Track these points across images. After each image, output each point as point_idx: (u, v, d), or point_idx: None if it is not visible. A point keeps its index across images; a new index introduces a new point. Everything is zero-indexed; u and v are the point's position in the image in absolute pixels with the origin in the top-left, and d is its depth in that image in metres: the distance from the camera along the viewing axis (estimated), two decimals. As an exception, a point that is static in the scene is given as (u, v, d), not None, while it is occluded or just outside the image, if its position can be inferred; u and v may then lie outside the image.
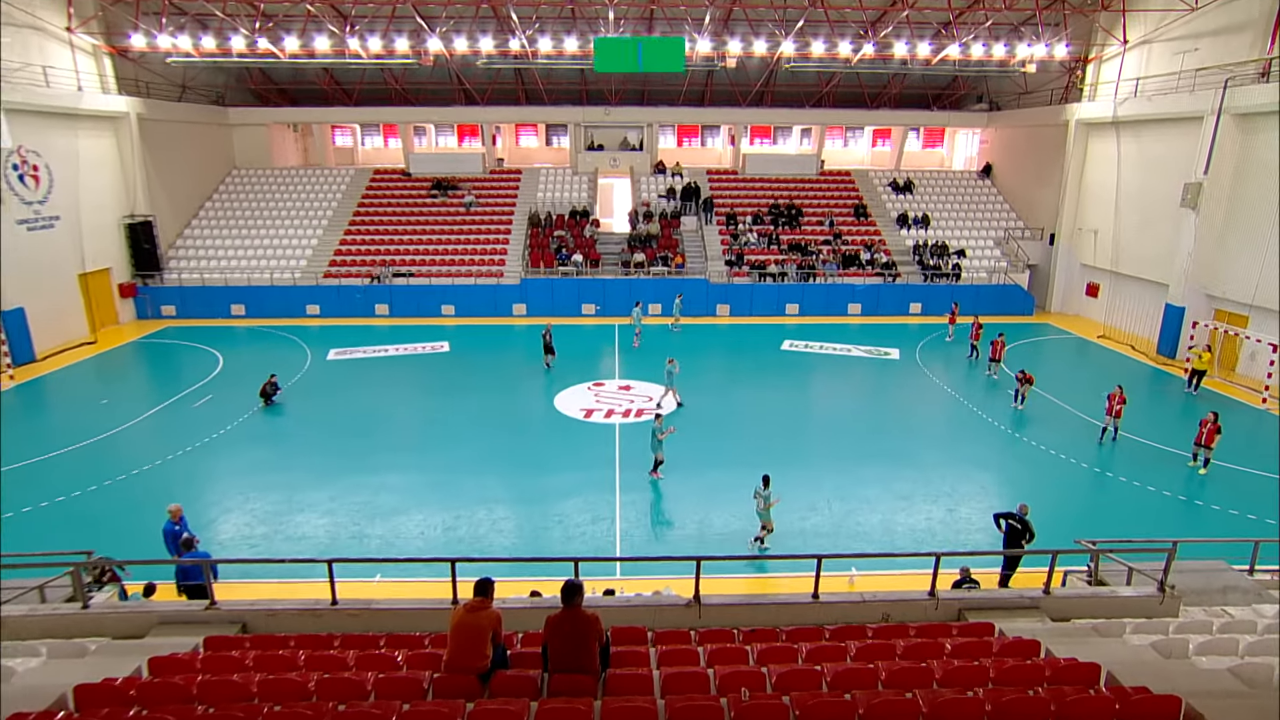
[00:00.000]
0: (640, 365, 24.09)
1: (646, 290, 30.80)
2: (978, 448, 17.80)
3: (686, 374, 23.07)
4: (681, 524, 13.90)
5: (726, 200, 35.75)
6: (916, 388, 22.40)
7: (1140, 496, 15.09)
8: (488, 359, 24.69)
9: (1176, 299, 25.25)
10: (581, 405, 20.03)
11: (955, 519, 14.23)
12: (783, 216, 34.65)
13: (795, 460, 16.69)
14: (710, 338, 27.83)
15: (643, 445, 17.43)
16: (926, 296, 31.66)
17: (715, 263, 32.20)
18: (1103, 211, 29.84)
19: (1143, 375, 24.06)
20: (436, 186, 35.79)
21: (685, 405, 19.96)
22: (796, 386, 22.43)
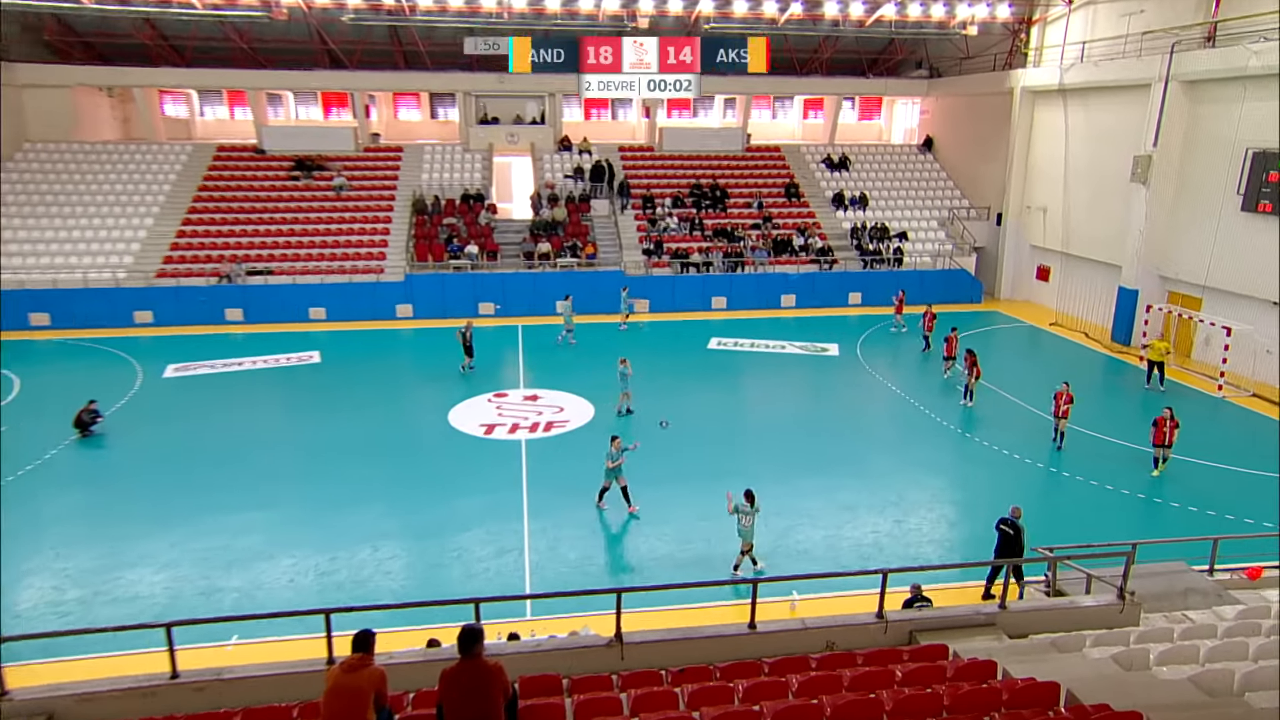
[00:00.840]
0: (550, 371, 23.94)
1: (553, 285, 30.62)
2: (926, 450, 18.50)
3: (601, 379, 23.03)
4: (600, 552, 13.86)
5: (642, 181, 36.01)
6: (859, 386, 23.12)
7: (1098, 496, 16.05)
8: (368, 370, 23.94)
9: (1129, 281, 27.08)
10: (481, 420, 19.79)
11: (904, 531, 14.71)
12: (706, 198, 35.19)
13: (727, 472, 16.87)
14: (627, 337, 27.93)
15: (555, 463, 17.32)
16: (867, 285, 32.80)
17: (631, 252, 32.34)
18: (1051, 188, 31.77)
19: (1097, 365, 25.65)
20: (299, 167, 34.42)
21: (623, 414, 20.09)
22: (726, 390, 22.74)
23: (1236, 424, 20.40)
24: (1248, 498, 15.87)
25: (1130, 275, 26.95)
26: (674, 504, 15.41)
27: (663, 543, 14.15)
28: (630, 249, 32.45)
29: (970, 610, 8.97)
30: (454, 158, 36.29)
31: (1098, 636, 8.30)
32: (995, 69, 34.65)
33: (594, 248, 31.83)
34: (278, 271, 29.76)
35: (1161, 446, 16.71)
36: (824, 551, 13.90)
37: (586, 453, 17.92)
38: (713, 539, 14.25)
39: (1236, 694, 6.92)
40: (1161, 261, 26.36)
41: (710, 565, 13.41)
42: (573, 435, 19.01)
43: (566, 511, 15.21)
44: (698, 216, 34.04)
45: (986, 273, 35.07)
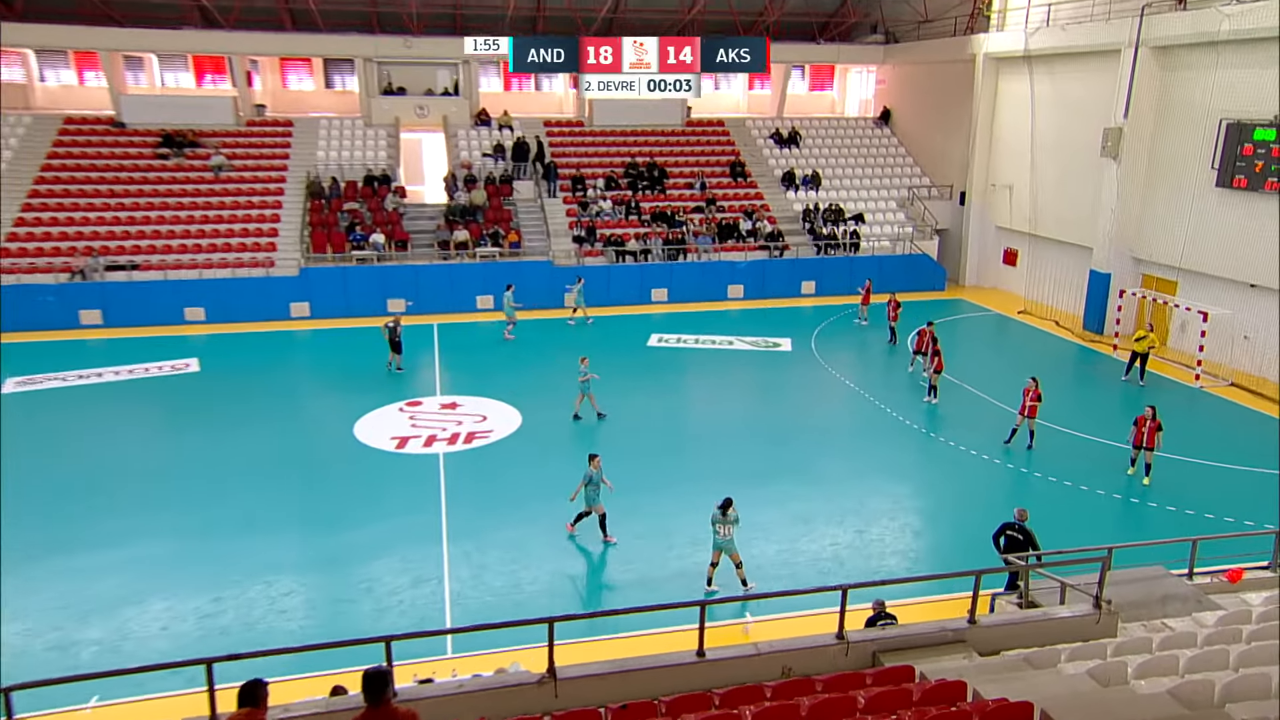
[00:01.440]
0: (470, 375, 23.73)
1: (472, 278, 30.30)
2: (889, 453, 18.92)
3: (529, 382, 22.87)
4: (531, 577, 13.78)
5: (571, 159, 35.93)
6: (814, 384, 23.49)
7: (1071, 497, 16.65)
8: (257, 379, 23.31)
9: (1101, 264, 28.19)
10: (392, 432, 19.53)
11: (866, 542, 15.00)
12: (643, 179, 35.30)
13: (670, 483, 16.94)
14: (557, 335, 27.85)
15: (477, 479, 17.17)
16: (821, 272, 33.38)
17: (560, 240, 32.28)
18: (1017, 164, 32.87)
19: (1069, 356, 26.60)
20: (167, 143, 33.22)
21: (580, 419, 20.17)
22: (668, 392, 22.85)
23: (1215, 416, 21.41)
24: (1228, 495, 16.64)
25: (1102, 258, 28.07)
26: (612, 521, 15.39)
27: (601, 564, 14.15)
28: (559, 236, 32.38)
29: (937, 627, 9.17)
30: (354, 134, 35.58)
31: (1073, 650, 8.59)
32: (956, 33, 35.67)
33: (518, 235, 31.63)
34: (145, 266, 28.68)
35: (1140, 449, 17.22)
36: (778, 568, 14.05)
37: (513, 466, 17.85)
38: (655, 559, 14.29)
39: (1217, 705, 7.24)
40: (1134, 243, 27.51)
41: (654, 587, 13.43)
42: (497, 447, 18.89)
43: (492, 533, 15.08)
44: (634, 199, 34.13)
45: (950, 257, 36.08)
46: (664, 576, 13.81)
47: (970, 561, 13.17)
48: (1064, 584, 10.10)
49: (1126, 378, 23.44)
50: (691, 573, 13.88)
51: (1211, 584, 11.11)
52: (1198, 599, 10.35)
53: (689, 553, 14.52)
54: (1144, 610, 10.11)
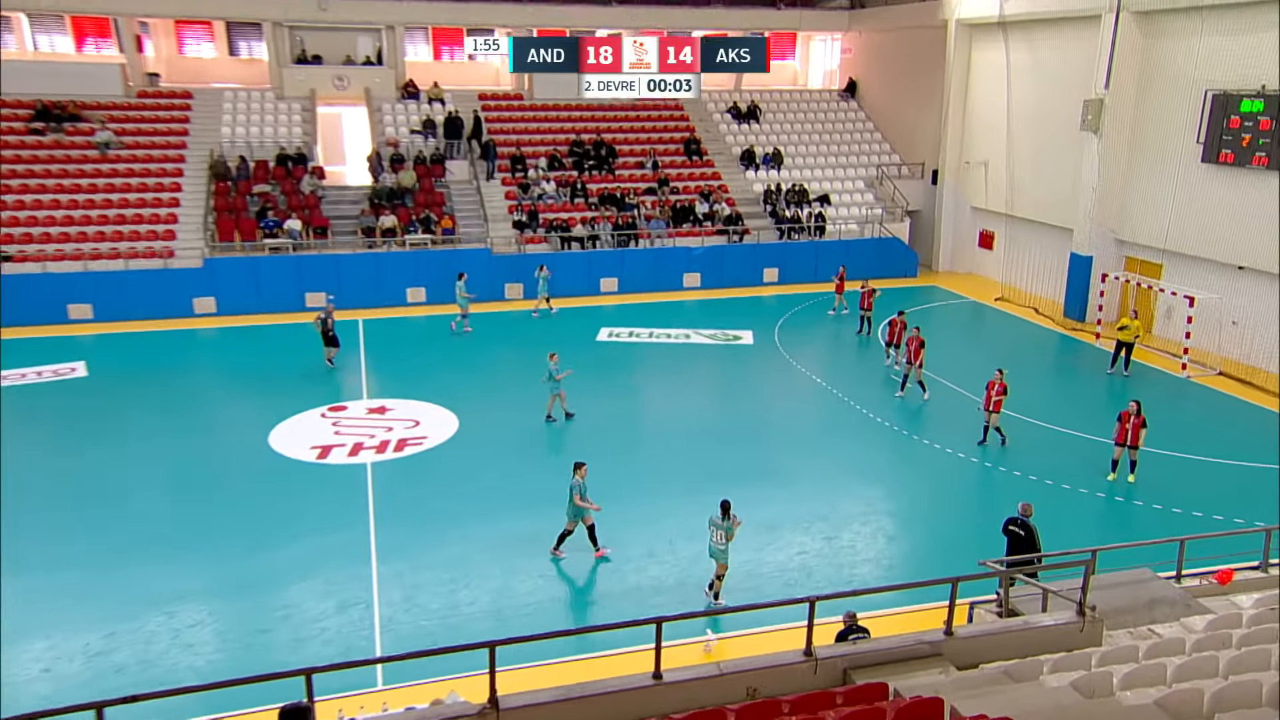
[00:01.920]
0: (400, 375, 23.53)
1: (400, 268, 29.99)
2: (860, 453, 19.17)
3: (466, 383, 22.70)
4: (471, 597, 13.71)
5: (510, 137, 35.75)
6: (779, 380, 23.67)
7: (1053, 497, 17.02)
8: (155, 384, 22.81)
9: (1082, 247, 28.86)
10: (313, 440, 19.30)
11: (836, 549, 15.19)
12: (589, 158, 35.26)
13: (623, 491, 16.97)
14: (498, 329, 27.71)
15: (410, 491, 17.00)
16: (784, 259, 33.67)
17: (499, 225, 32.10)
18: (993, 139, 33.50)
19: (1050, 346, 27.17)
20: (42, 116, 32.20)
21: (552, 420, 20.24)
22: (620, 391, 22.87)
23: (1203, 407, 22.06)
24: (1217, 491, 17.16)
25: (1083, 240, 28.75)
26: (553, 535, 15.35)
27: (547, 581, 14.10)
28: (498, 221, 32.18)
29: (912, 640, 9.32)
30: (264, 107, 34.92)
31: (1056, 661, 8.79)
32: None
33: (452, 221, 31.39)
34: (19, 258, 27.80)
35: (1125, 446, 17.56)
36: (742, 580, 14.14)
37: (450, 475, 17.72)
38: (608, 573, 14.32)
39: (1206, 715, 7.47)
40: (1117, 223, 28.21)
41: (608, 604, 13.46)
42: (432, 455, 18.76)
43: (427, 550, 14.97)
44: (579, 180, 34.07)
45: (922, 241, 36.65)
46: (618, 592, 13.82)
47: (947, 568, 13.39)
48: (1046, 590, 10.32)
49: (1112, 370, 24.01)
50: (647, 588, 13.92)
51: (1200, 586, 11.46)
52: (1186, 603, 10.66)
53: (644, 566, 14.56)
54: (1130, 616, 10.38)
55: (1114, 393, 22.60)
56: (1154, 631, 10.01)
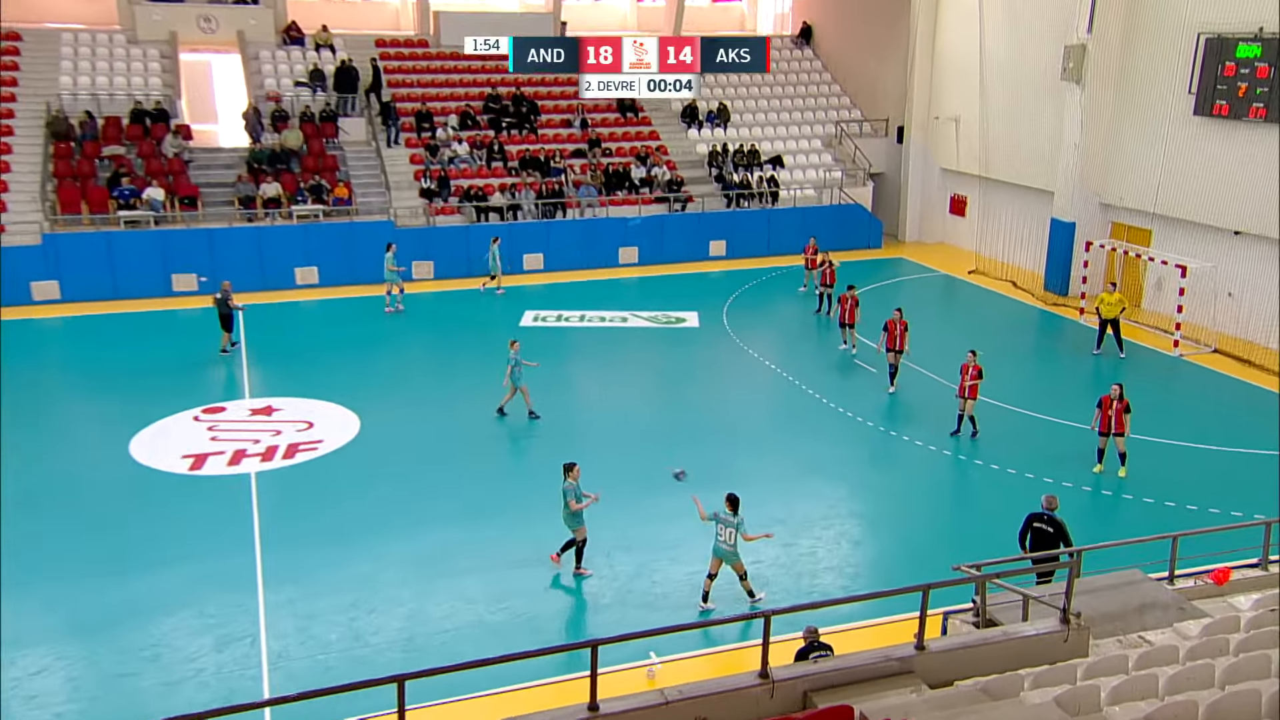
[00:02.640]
0: (290, 369, 23.16)
1: (288, 244, 29.46)
2: (820, 447, 19.31)
3: (371, 375, 22.39)
4: (376, 625, 13.53)
5: (415, 90, 35.31)
6: (729, 368, 23.77)
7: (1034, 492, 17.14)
8: (-7, 386, 22.05)
9: (1064, 212, 29.48)
10: (185, 448, 18.95)
11: (794, 557, 15.33)
12: (508, 115, 35.00)
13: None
14: (405, 316, 27.44)
15: (304, 504, 16.75)
16: (732, 229, 33.81)
17: (404, 194, 31.72)
18: (965, 92, 33.98)
19: (1030, 323, 27.70)
20: None
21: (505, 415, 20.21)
22: (549, 383, 22.66)
23: (1196, 388, 22.72)
24: (1212, 481, 17.64)
25: (1065, 204, 29.37)
26: (478, 550, 15.25)
27: (465, 604, 13.98)
28: (402, 189, 31.79)
29: (880, 656, 9.40)
30: (113, 53, 33.87)
31: (1038, 675, 8.94)
32: (887, -67, 36.61)
33: (347, 189, 30.94)
34: None
35: (1109, 435, 17.88)
36: (689, 594, 14.18)
37: (351, 485, 17.49)
38: (536, 592, 14.26)
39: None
40: (1102, 185, 28.86)
41: (537, 626, 13.39)
42: (329, 461, 18.53)
43: (324, 573, 14.76)
44: (497, 141, 33.81)
45: (887, 207, 37.12)
46: (548, 613, 13.77)
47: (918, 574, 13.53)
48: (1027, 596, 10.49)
49: (1099, 350, 24.52)
50: (579, 606, 13.88)
51: (1195, 588, 11.76)
52: (1179, 606, 10.93)
53: (577, 582, 14.55)
54: (1119, 623, 10.61)
55: (1101, 375, 23.14)
56: (1145, 639, 10.24)
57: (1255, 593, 11.61)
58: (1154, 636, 10.31)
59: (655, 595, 14.23)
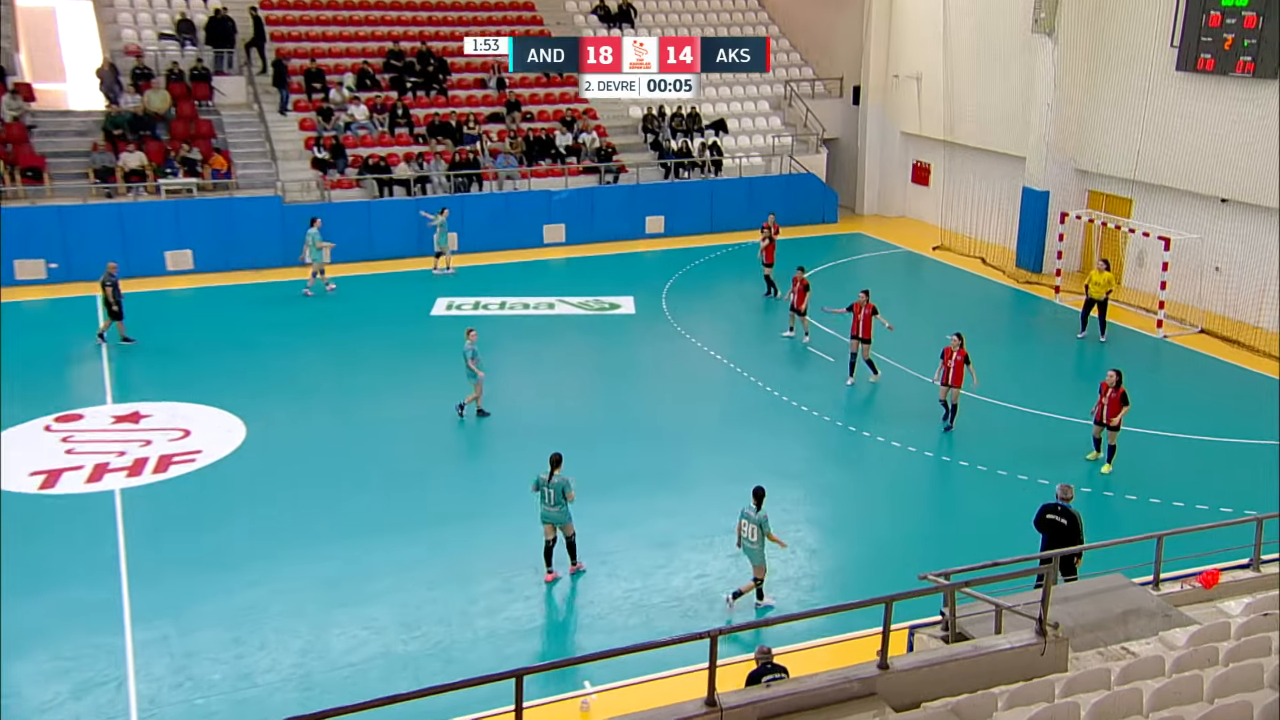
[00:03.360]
0: (160, 370, 22.83)
1: (157, 223, 28.95)
2: (772, 445, 19.42)
3: (258, 378, 22.19)
4: (266, 661, 13.35)
5: (303, 44, 34.89)
6: (669, 358, 23.86)
7: (1006, 491, 17.65)
8: None
9: (1037, 180, 29.96)
10: (34, 464, 18.59)
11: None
12: (413, 74, 34.77)
13: (471, 511, 16.90)
14: (298, 307, 27.18)
15: (178, 525, 16.49)
16: (672, 203, 33.87)
17: (293, 165, 31.41)
18: (927, 48, 34.33)
19: (1001, 304, 28.12)
20: None
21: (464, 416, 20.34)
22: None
23: (1182, 373, 23.29)
24: (1200, 475, 18.08)
25: (1037, 171, 29.87)
26: (385, 571, 15.13)
27: (371, 633, 13.86)
28: (291, 160, 31.49)
29: (840, 678, 9.47)
30: (-61, 2, 32.95)
31: (1013, 693, 9.08)
32: None
33: (226, 160, 30.53)
34: None
35: (1103, 425, 18.23)
36: (628, 614, 14.21)
37: (235, 501, 17.28)
38: (455, 617, 14.18)
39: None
40: (1077, 149, 29.39)
41: (455, 656, 13.32)
42: (209, 474, 18.32)
43: (204, 604, 14.54)
44: (400, 104, 33.56)
45: (843, 177, 37.47)
46: (466, 640, 13.70)
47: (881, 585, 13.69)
48: (999, 606, 10.64)
49: (1083, 334, 24.97)
50: (505, 632, 13.83)
51: (1182, 592, 12.04)
52: (1165, 613, 11.18)
53: (502, 604, 14.44)
54: (1100, 633, 10.81)
55: (1082, 361, 23.61)
56: (1128, 650, 10.44)
57: (1246, 596, 11.91)
58: (1138, 647, 10.51)
59: (590, 616, 14.23)
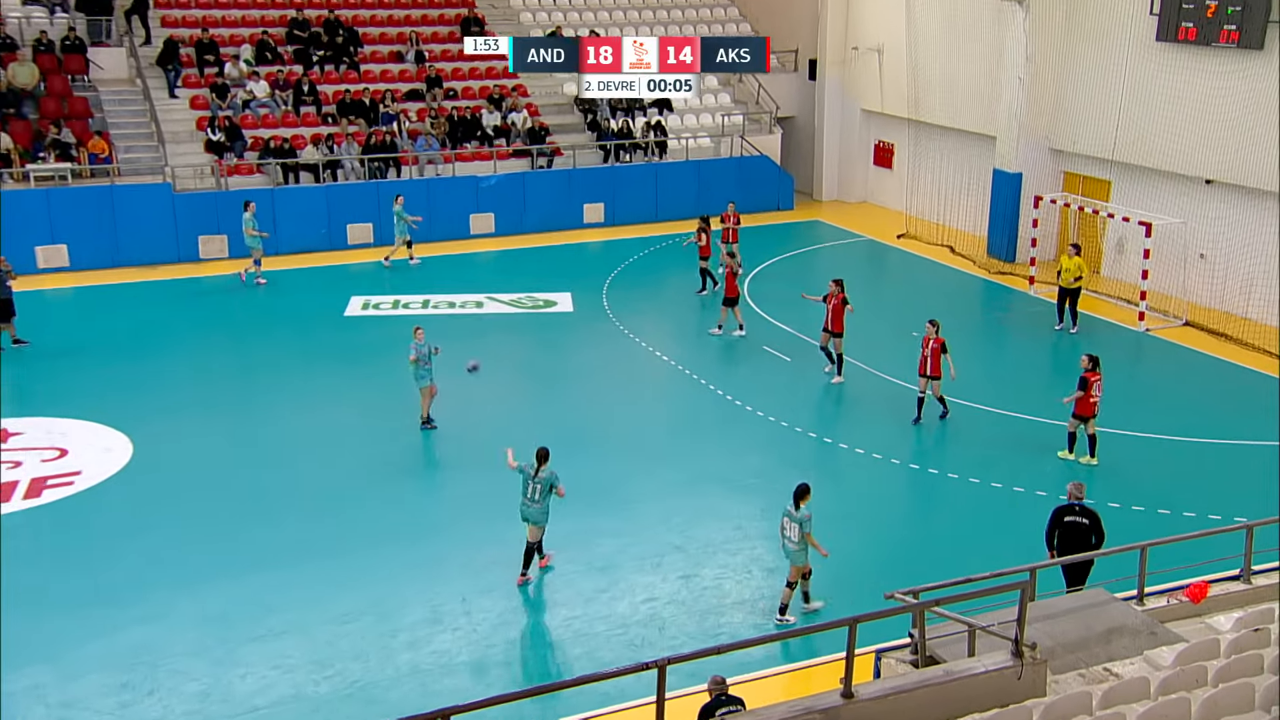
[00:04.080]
0: (37, 381, 22.59)
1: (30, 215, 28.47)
2: (723, 455, 19.49)
3: (146, 391, 21.98)
4: (158, 708, 13.13)
5: (192, 12, 34.59)
6: (612, 361, 23.91)
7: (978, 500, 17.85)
8: None
9: (1008, 161, 30.33)
10: None
11: (696, 592, 15.43)
12: (319, 45, 34.57)
13: (390, 533, 16.85)
14: (191, 309, 26.93)
15: (55, 558, 16.29)
16: (613, 189, 33.93)
17: (184, 149, 31.14)
18: (889, 17, 34.57)
19: (971, 296, 28.44)
20: None
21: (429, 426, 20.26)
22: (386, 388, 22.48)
23: (1166, 369, 23.65)
24: (1186, 480, 18.37)
25: (1009, 151, 30.25)
26: (295, 602, 15.01)
27: (279, 673, 13.73)
28: (182, 143, 31.21)
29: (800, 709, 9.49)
30: None
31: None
32: None
33: (106, 143, 30.15)
34: None
35: (1082, 419, 18.64)
36: (568, 645, 14.22)
37: (121, 527, 17.06)
38: (370, 653, 14.08)
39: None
40: (1052, 127, 29.78)
41: (375, 694, 13.25)
42: (90, 498, 18.06)
43: (86, 643, 14.35)
44: (306, 79, 33.37)
45: (799, 160, 37.71)
46: (388, 679, 13.63)
47: (844, 605, 13.76)
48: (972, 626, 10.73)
49: (1061, 326, 25.42)
50: (428, 667, 13.76)
51: (1168, 607, 12.20)
52: (1150, 630, 11.32)
53: (427, 636, 14.34)
54: (1081, 653, 10.93)
55: (1057, 357, 23.90)
56: (1111, 671, 10.57)
57: (1236, 610, 12.07)
58: (1122, 668, 10.64)
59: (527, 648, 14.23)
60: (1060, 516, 14.13)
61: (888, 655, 11.75)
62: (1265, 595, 12.43)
